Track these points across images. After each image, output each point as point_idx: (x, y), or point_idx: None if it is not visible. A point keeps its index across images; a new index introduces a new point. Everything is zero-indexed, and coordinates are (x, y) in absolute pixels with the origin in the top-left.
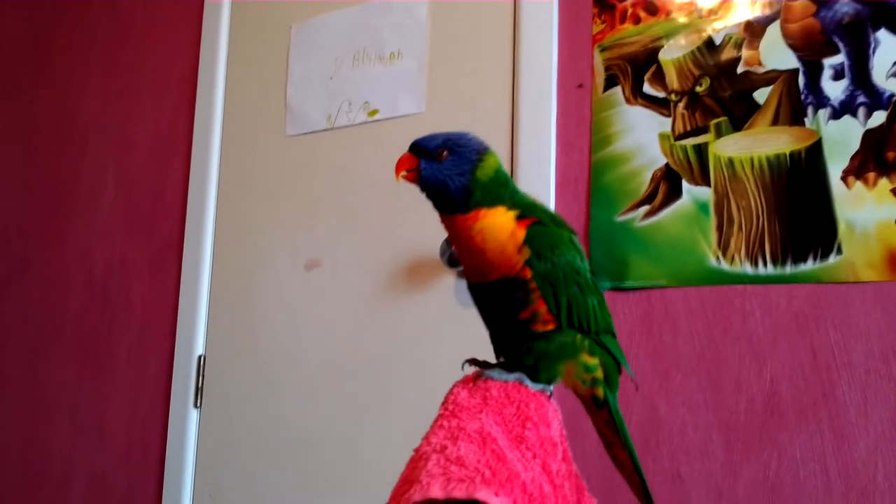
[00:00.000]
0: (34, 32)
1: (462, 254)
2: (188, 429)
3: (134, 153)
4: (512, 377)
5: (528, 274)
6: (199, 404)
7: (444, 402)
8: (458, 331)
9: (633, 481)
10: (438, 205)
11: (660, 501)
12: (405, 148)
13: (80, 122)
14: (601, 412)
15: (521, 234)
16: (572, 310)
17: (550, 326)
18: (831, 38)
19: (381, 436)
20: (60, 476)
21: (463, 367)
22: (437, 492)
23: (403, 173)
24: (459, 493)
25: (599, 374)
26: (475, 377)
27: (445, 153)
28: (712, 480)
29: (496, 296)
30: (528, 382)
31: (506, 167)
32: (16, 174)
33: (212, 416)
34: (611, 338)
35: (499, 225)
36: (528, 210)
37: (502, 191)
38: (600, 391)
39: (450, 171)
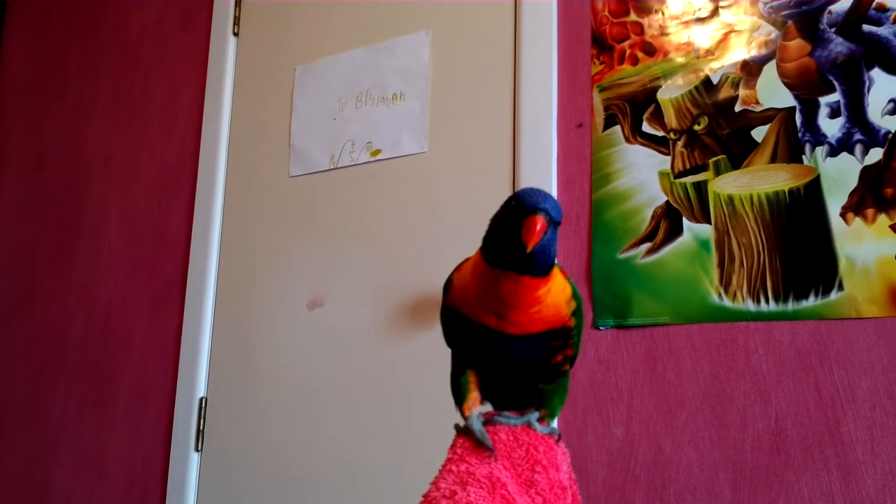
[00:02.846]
0: (45, 64)
1: (509, 308)
2: (189, 473)
3: (138, 188)
4: (521, 421)
5: (572, 323)
6: (200, 447)
7: (453, 446)
8: None
9: None
10: (523, 266)
11: None
12: (408, 187)
13: (88, 152)
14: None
15: (569, 288)
16: (578, 350)
17: (567, 367)
18: (826, 76)
19: (386, 479)
20: None
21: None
22: None
23: (538, 242)
24: None
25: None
26: (485, 422)
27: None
28: None
29: (532, 346)
30: (536, 426)
31: None
32: (26, 203)
33: (213, 460)
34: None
35: (559, 284)
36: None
37: None
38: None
39: (555, 242)
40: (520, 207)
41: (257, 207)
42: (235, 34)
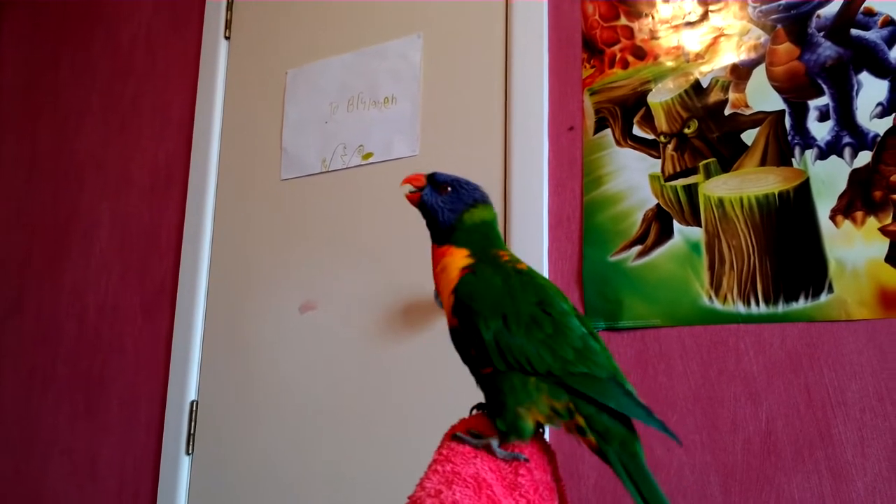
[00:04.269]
0: (37, 69)
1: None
2: (180, 476)
3: (130, 193)
4: (479, 444)
5: (456, 322)
6: (191, 451)
7: (439, 447)
8: (454, 372)
9: None
10: (431, 230)
11: None
12: (400, 190)
13: (79, 159)
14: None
15: (455, 281)
16: (505, 353)
17: (488, 370)
18: (816, 80)
19: (377, 482)
20: None
21: (472, 412)
22: None
23: (409, 188)
24: None
25: (580, 420)
26: (451, 436)
27: (449, 189)
28: None
29: (454, 340)
30: (496, 451)
31: (500, 208)
32: (16, 209)
33: (204, 464)
34: (589, 379)
35: (453, 267)
36: (481, 259)
37: (478, 238)
38: (592, 440)
39: (444, 205)
40: None
41: (249, 210)
42: (227, 38)
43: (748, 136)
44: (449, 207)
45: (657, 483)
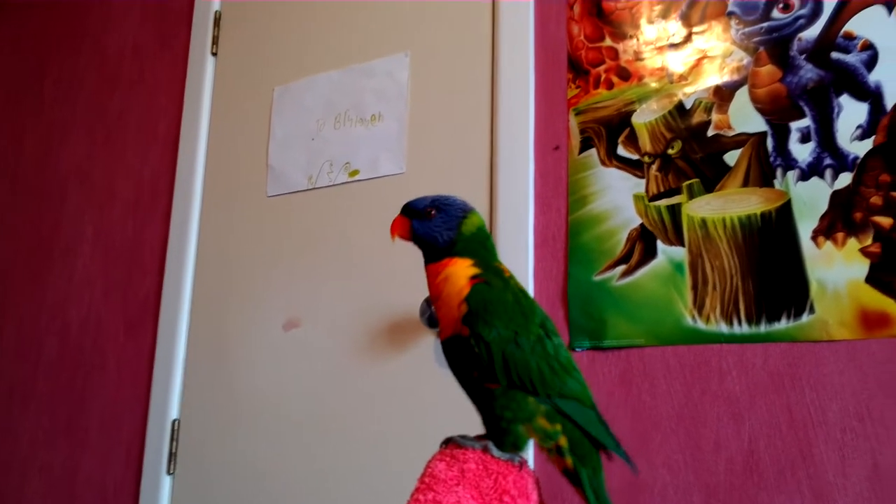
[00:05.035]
0: (21, 80)
1: (434, 303)
2: (160, 497)
3: (113, 208)
4: (478, 445)
5: (467, 331)
6: (172, 471)
7: (422, 476)
8: (439, 392)
9: None
10: (427, 255)
11: None
12: (386, 208)
13: (63, 171)
14: (577, 489)
15: (466, 290)
16: (510, 367)
17: (495, 386)
18: (797, 102)
19: (360, 500)
20: None
21: (442, 447)
22: None
23: (399, 234)
24: None
25: (563, 442)
26: (444, 441)
27: (433, 212)
28: None
29: (453, 354)
30: (493, 451)
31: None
32: None
33: (186, 483)
34: (577, 405)
35: (458, 276)
36: (488, 271)
37: (478, 247)
38: (569, 461)
39: (439, 227)
40: None
41: (234, 227)
42: (214, 54)
43: (731, 157)
44: (444, 227)
45: None
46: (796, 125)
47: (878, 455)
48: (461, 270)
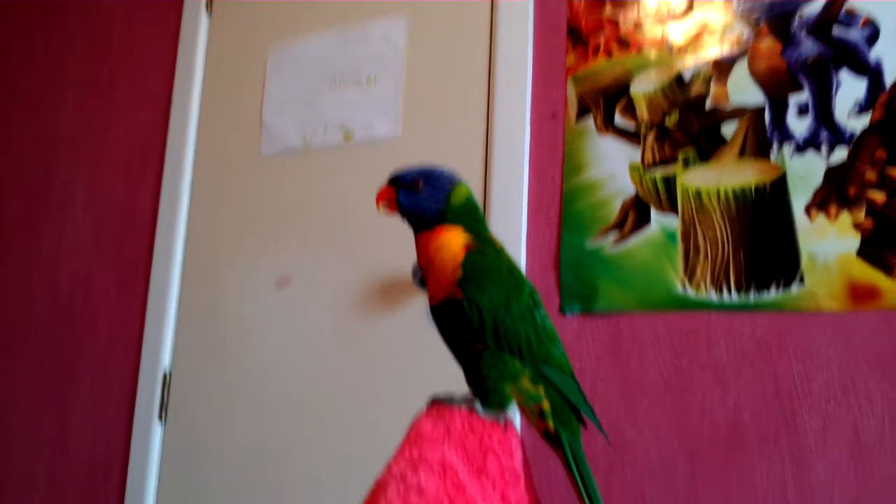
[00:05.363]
0: (11, 40)
1: (424, 271)
2: (152, 444)
3: (105, 167)
4: (464, 404)
5: (460, 294)
6: (163, 418)
7: (408, 433)
8: (429, 352)
9: None
10: (415, 226)
11: None
12: (380, 171)
13: (54, 132)
14: (556, 450)
15: (461, 256)
16: (499, 332)
17: (484, 347)
18: (796, 76)
19: (347, 453)
20: (21, 489)
21: (429, 404)
22: None
23: (384, 204)
24: None
25: (546, 405)
26: (431, 398)
27: (421, 183)
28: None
29: (444, 317)
30: (479, 409)
31: (479, 193)
32: None
33: (176, 431)
34: (558, 373)
35: (451, 244)
36: (479, 239)
37: (468, 218)
38: (550, 424)
39: (427, 200)
40: None
41: (227, 185)
42: (208, 11)
43: (728, 130)
44: (432, 199)
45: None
46: (794, 99)
47: (860, 425)
48: (455, 238)
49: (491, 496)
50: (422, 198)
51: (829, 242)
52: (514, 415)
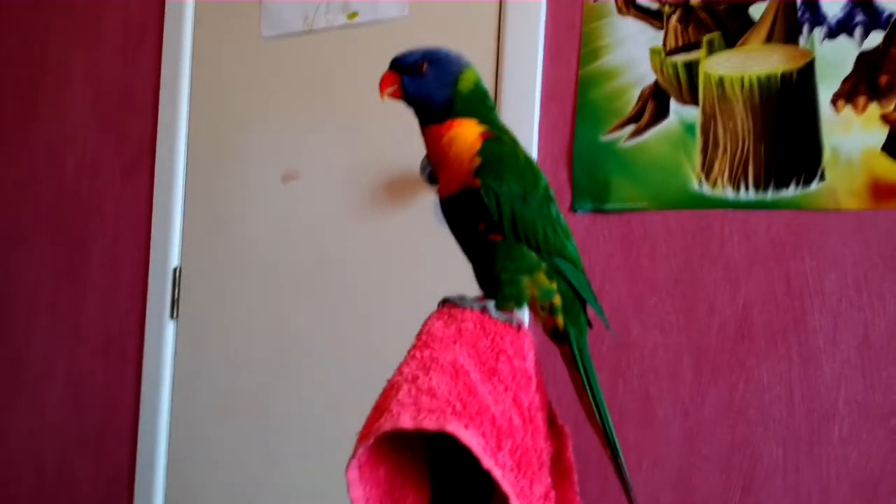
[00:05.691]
0: None
1: (435, 165)
2: (165, 339)
3: (102, 44)
4: (477, 305)
5: (478, 183)
6: (175, 315)
7: (419, 333)
8: (437, 248)
9: (597, 430)
10: (422, 116)
11: (627, 420)
12: (386, 55)
13: (43, 4)
14: (562, 347)
15: (478, 144)
16: (516, 222)
17: (500, 237)
18: None
19: (356, 349)
20: (39, 374)
21: (439, 306)
22: (406, 422)
23: (389, 90)
24: (429, 425)
25: (557, 300)
26: (441, 301)
27: (425, 66)
28: (679, 401)
29: (458, 209)
30: (492, 311)
31: (491, 76)
32: None
33: (189, 327)
34: (571, 266)
35: (466, 135)
36: (494, 128)
37: (479, 106)
38: (560, 320)
39: (433, 84)
40: None
41: (228, 69)
42: None
43: (756, 10)
44: (439, 84)
45: None
46: None
47: (870, 325)
48: (468, 129)
49: (503, 398)
50: (427, 82)
51: (853, 136)
52: (524, 316)
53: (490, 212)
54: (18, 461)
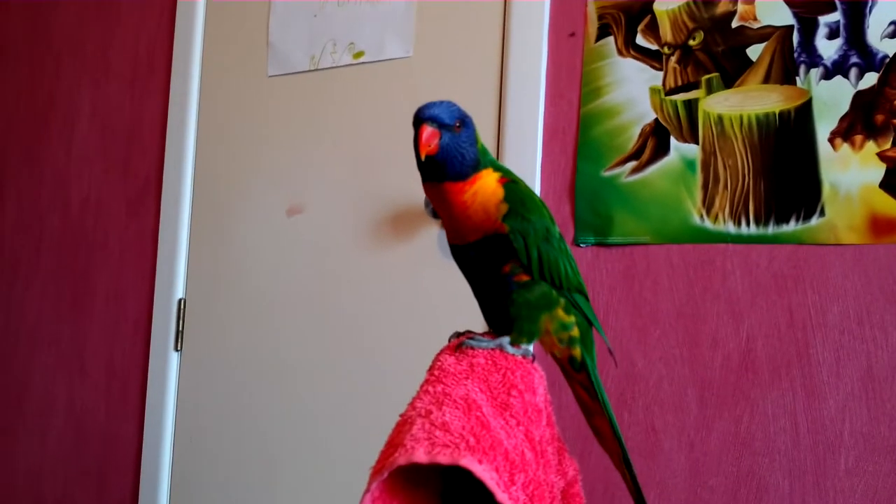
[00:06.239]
0: None
1: (450, 218)
2: (169, 372)
3: (110, 81)
4: (492, 344)
5: (506, 229)
6: (179, 347)
7: (431, 368)
8: (441, 281)
9: (613, 450)
10: (441, 174)
11: (632, 452)
12: (391, 92)
13: (55, 39)
14: (579, 375)
15: (501, 191)
16: (543, 263)
17: (525, 278)
18: None
19: (362, 382)
20: (41, 406)
21: (450, 340)
22: (421, 456)
23: (433, 144)
24: (444, 459)
25: (576, 332)
26: (456, 346)
27: (459, 125)
28: (685, 433)
29: (480, 255)
30: (507, 348)
31: (494, 116)
32: None
33: (193, 360)
34: (583, 299)
35: (488, 182)
36: (504, 172)
37: (487, 156)
38: (577, 351)
39: (465, 143)
40: (414, 120)
41: (235, 107)
42: None
43: (754, 52)
44: (469, 143)
45: None
46: (825, 19)
47: (873, 358)
48: (488, 178)
49: (515, 433)
50: (462, 140)
51: (852, 173)
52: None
53: (520, 256)
54: (19, 495)
